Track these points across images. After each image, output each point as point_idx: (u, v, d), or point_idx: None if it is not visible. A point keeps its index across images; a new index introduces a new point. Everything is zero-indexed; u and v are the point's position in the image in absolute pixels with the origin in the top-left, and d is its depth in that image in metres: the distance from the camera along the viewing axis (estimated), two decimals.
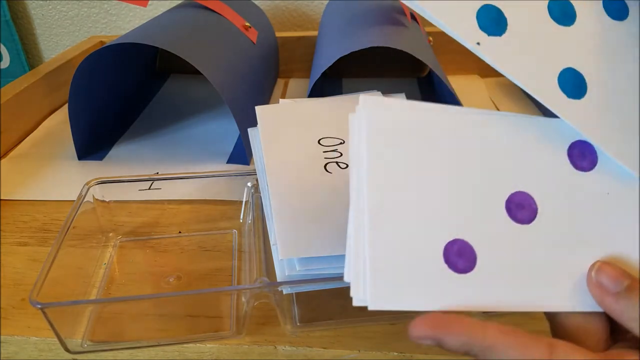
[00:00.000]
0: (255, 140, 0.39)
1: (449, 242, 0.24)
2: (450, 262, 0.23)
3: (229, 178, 0.44)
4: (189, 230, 0.42)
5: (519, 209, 0.25)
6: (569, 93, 0.25)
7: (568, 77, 0.26)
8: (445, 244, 0.24)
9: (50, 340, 0.32)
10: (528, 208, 0.25)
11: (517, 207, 0.25)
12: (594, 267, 0.24)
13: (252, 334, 0.33)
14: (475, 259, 0.24)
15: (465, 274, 0.23)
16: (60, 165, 0.52)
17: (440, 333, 0.21)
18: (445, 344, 0.22)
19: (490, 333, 0.21)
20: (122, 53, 0.59)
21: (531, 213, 0.25)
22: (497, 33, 0.25)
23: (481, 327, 0.22)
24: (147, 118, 0.63)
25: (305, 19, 0.84)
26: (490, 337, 0.21)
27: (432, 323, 0.22)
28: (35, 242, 0.41)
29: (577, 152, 0.26)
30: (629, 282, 0.22)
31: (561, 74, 0.26)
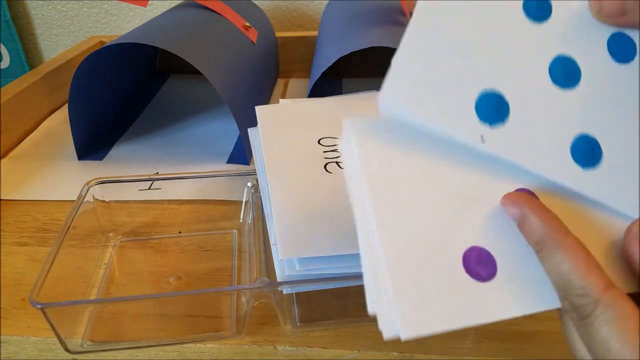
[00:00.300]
0: (255, 140, 0.39)
1: (465, 251, 0.23)
2: (472, 272, 0.23)
3: (229, 178, 0.44)
4: (189, 230, 0.42)
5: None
6: (584, 163, 0.24)
7: (581, 146, 0.24)
8: (463, 254, 0.23)
9: (50, 340, 0.32)
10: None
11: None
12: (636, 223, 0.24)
13: (252, 334, 0.33)
14: (495, 263, 0.23)
15: (490, 281, 0.23)
16: (60, 165, 0.52)
17: (530, 209, 0.22)
18: (526, 222, 0.22)
19: (571, 239, 0.22)
20: (122, 53, 0.59)
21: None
22: (499, 120, 0.24)
23: (565, 229, 0.22)
24: (147, 118, 0.63)
25: (305, 19, 0.84)
26: (568, 240, 0.21)
27: (527, 199, 0.23)
28: (35, 242, 0.41)
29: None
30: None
31: (573, 145, 0.24)
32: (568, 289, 0.21)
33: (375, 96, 0.25)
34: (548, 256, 0.22)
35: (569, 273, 0.21)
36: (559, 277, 0.22)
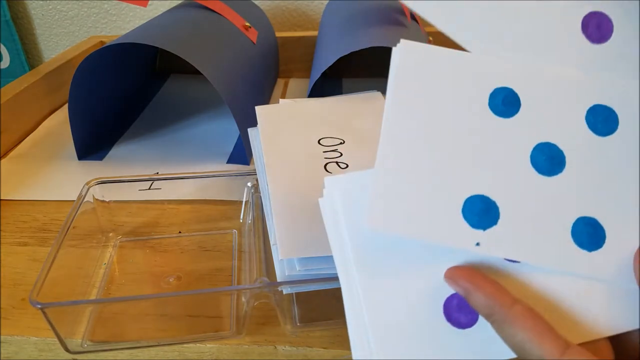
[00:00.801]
0: (255, 140, 0.39)
1: (447, 298, 0.23)
2: (452, 320, 0.23)
3: (229, 178, 0.44)
4: (189, 230, 0.42)
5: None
6: (589, 246, 0.24)
7: (582, 229, 0.24)
8: (444, 301, 0.23)
9: (50, 340, 0.32)
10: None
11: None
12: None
13: (252, 334, 0.33)
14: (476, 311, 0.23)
15: (471, 327, 0.23)
16: (60, 165, 0.52)
17: (472, 286, 0.22)
18: (471, 298, 0.22)
19: (517, 309, 0.21)
20: (122, 53, 0.59)
21: None
22: (491, 223, 0.23)
23: (511, 300, 0.22)
24: (147, 118, 0.63)
25: (305, 19, 0.84)
26: (514, 312, 0.21)
27: (469, 274, 0.23)
28: (35, 242, 0.41)
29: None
30: None
31: (574, 230, 0.24)
32: (527, 357, 0.21)
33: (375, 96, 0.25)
34: (500, 329, 0.22)
35: (523, 344, 0.21)
36: (515, 348, 0.21)
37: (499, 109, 0.24)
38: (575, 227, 0.24)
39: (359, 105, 0.44)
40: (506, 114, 0.24)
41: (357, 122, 0.41)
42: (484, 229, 0.23)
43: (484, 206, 0.23)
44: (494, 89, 0.24)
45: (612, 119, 0.25)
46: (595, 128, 0.24)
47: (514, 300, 0.22)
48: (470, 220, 0.23)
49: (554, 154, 0.24)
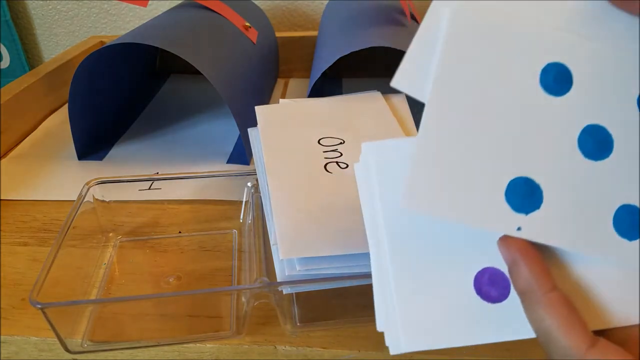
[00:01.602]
0: (255, 140, 0.39)
1: (478, 272, 0.23)
2: (482, 293, 0.23)
3: (229, 178, 0.44)
4: (189, 230, 0.42)
5: None
6: (629, 234, 0.23)
7: (624, 217, 0.23)
8: (475, 274, 0.23)
9: (50, 340, 0.32)
10: None
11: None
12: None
13: (252, 334, 0.33)
14: (509, 285, 0.23)
15: (500, 302, 0.23)
16: (60, 165, 0.52)
17: (522, 257, 0.22)
18: (515, 269, 0.22)
19: (554, 295, 0.21)
20: (122, 53, 0.59)
21: None
22: (534, 207, 0.23)
23: (551, 284, 0.21)
24: (147, 118, 0.63)
25: (305, 19, 0.84)
26: (551, 296, 0.21)
27: (523, 245, 0.22)
28: (35, 242, 0.41)
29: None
30: None
31: (616, 217, 0.23)
32: (550, 345, 0.21)
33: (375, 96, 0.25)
34: (530, 309, 0.22)
35: (550, 330, 0.21)
36: (541, 332, 0.21)
37: (551, 86, 0.23)
38: (618, 215, 0.23)
39: (359, 105, 0.44)
40: (557, 92, 0.23)
41: (357, 122, 0.41)
42: (527, 213, 0.22)
43: (528, 189, 0.22)
44: (546, 63, 0.23)
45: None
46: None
47: (554, 286, 0.21)
48: (513, 204, 0.22)
49: (602, 137, 0.23)
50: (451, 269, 0.23)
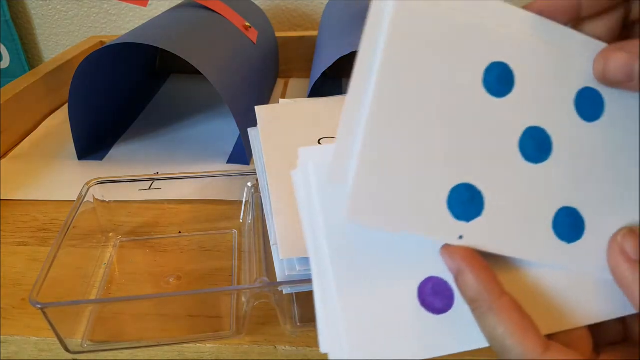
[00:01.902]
0: (255, 140, 0.39)
1: (422, 282, 0.22)
2: (427, 305, 0.22)
3: (229, 178, 0.44)
4: (189, 230, 0.42)
5: None
6: (569, 238, 0.23)
7: (563, 220, 0.23)
8: (419, 285, 0.22)
9: (50, 340, 0.32)
10: None
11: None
12: (621, 232, 0.23)
13: (252, 334, 0.33)
14: (453, 294, 0.23)
15: (445, 313, 0.22)
16: (60, 165, 0.52)
17: (467, 266, 0.21)
18: (461, 279, 0.21)
19: (504, 301, 0.21)
20: (122, 53, 0.59)
21: None
22: (476, 215, 0.22)
23: (500, 290, 0.21)
24: (147, 118, 0.63)
25: (305, 19, 0.84)
26: (501, 303, 0.21)
27: (466, 254, 0.22)
28: (35, 242, 0.41)
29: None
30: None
31: (555, 221, 0.23)
32: (505, 352, 0.20)
33: None
34: (481, 318, 0.21)
35: (503, 337, 0.20)
36: (494, 340, 0.21)
37: (493, 87, 0.22)
38: (557, 218, 0.23)
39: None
40: (499, 93, 0.22)
41: None
42: (468, 220, 0.22)
43: (469, 196, 0.22)
44: (490, 63, 0.22)
45: (599, 103, 0.23)
46: (583, 112, 0.23)
47: (503, 292, 0.21)
48: (455, 212, 0.22)
49: (542, 139, 0.23)
50: (395, 280, 0.22)
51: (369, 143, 0.21)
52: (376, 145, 0.21)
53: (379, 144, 0.21)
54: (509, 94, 0.22)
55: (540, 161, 0.23)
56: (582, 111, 0.23)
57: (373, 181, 0.21)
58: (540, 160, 0.23)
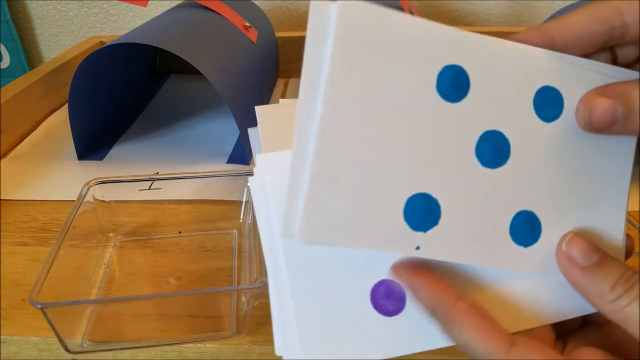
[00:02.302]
0: (255, 140, 0.39)
1: (374, 285, 0.23)
2: (379, 307, 0.22)
3: (229, 178, 0.44)
4: (189, 230, 0.42)
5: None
6: (525, 242, 0.23)
7: (520, 225, 0.23)
8: (371, 288, 0.23)
9: (50, 340, 0.32)
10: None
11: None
12: (565, 238, 0.23)
13: (252, 334, 0.33)
14: (404, 297, 0.23)
15: (397, 315, 0.22)
16: (60, 165, 0.52)
17: (415, 282, 0.22)
18: (417, 296, 0.22)
19: (460, 307, 0.21)
20: (122, 53, 0.59)
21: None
22: (433, 223, 0.21)
23: (454, 297, 0.21)
24: (147, 118, 0.63)
25: (305, 19, 0.84)
26: (457, 309, 0.21)
27: (413, 269, 0.22)
28: (35, 242, 0.41)
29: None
30: (599, 258, 0.22)
31: (512, 225, 0.23)
32: (473, 355, 0.21)
33: None
34: (445, 327, 0.21)
35: (468, 341, 0.21)
36: (461, 346, 0.21)
37: (447, 91, 0.21)
38: (514, 222, 0.23)
39: None
40: (454, 98, 0.21)
41: None
42: (425, 230, 0.21)
43: (426, 206, 0.21)
44: (443, 66, 0.21)
45: (558, 102, 0.22)
46: (541, 113, 0.22)
47: (458, 297, 0.21)
48: (411, 222, 0.21)
49: (499, 143, 0.22)
50: (348, 283, 0.22)
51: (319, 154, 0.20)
52: (327, 158, 0.20)
53: (330, 157, 0.20)
54: (464, 97, 0.21)
55: (497, 166, 0.22)
56: (540, 111, 0.22)
57: (325, 198, 0.20)
58: (498, 164, 0.22)
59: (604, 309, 0.21)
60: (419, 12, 0.83)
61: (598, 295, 0.21)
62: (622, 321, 0.20)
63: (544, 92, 0.22)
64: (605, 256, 0.22)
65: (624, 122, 0.21)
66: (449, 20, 0.84)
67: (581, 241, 0.22)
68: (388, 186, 0.21)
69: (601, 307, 0.21)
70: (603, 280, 0.21)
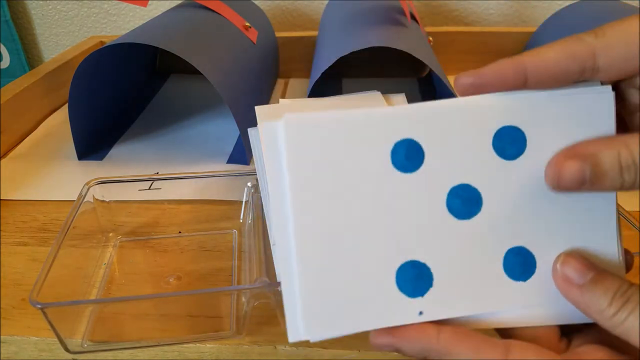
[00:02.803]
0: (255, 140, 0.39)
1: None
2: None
3: (229, 178, 0.44)
4: (189, 230, 0.42)
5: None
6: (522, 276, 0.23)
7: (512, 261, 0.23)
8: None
9: (50, 340, 0.32)
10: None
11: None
12: (559, 259, 0.23)
13: (252, 334, 0.33)
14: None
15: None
16: (60, 165, 0.52)
17: (397, 341, 0.22)
18: (404, 352, 0.22)
19: (444, 337, 0.22)
20: (122, 53, 0.59)
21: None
22: (428, 286, 0.23)
23: (435, 331, 0.22)
24: (147, 118, 0.63)
25: (305, 19, 0.84)
26: (443, 341, 0.22)
27: (387, 334, 0.22)
28: (35, 242, 0.41)
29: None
30: (594, 274, 0.22)
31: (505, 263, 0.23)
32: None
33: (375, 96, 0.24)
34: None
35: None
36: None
37: (403, 164, 0.23)
38: (506, 261, 0.23)
39: (359, 105, 0.44)
40: (412, 168, 0.23)
41: None
42: (422, 295, 0.23)
43: (416, 271, 0.23)
44: (393, 144, 0.23)
45: (520, 138, 0.23)
46: (503, 153, 0.23)
47: (438, 330, 0.22)
48: (407, 291, 0.23)
49: (468, 194, 0.23)
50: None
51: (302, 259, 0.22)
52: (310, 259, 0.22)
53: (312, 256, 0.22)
54: (421, 165, 0.23)
55: (473, 215, 0.23)
56: (502, 152, 0.23)
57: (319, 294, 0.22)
58: (473, 213, 0.23)
59: (605, 325, 0.21)
60: (419, 12, 0.83)
61: (598, 312, 0.21)
62: (624, 335, 0.20)
63: (501, 133, 0.23)
64: (600, 272, 0.22)
65: (592, 183, 0.21)
66: (449, 20, 0.84)
67: (574, 260, 0.23)
68: (374, 264, 0.23)
69: (603, 323, 0.21)
70: (600, 296, 0.21)
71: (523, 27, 0.78)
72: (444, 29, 0.75)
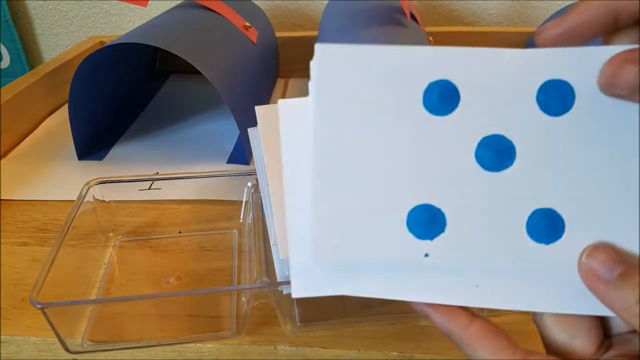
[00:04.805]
0: (255, 140, 0.39)
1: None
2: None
3: (229, 178, 0.44)
4: (189, 230, 0.42)
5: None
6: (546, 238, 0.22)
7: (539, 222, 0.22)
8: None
9: (50, 340, 0.32)
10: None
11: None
12: (585, 252, 0.22)
13: (252, 334, 0.33)
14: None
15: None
16: (60, 165, 0.52)
17: (431, 311, 0.22)
18: (432, 320, 0.22)
19: (472, 330, 0.21)
20: (122, 53, 0.59)
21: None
22: (439, 231, 0.22)
23: (467, 319, 0.22)
24: (147, 118, 0.63)
25: (305, 19, 0.84)
26: (470, 333, 0.21)
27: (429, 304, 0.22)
28: (35, 242, 0.41)
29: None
30: (623, 269, 0.20)
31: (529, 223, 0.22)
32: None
33: None
34: (460, 348, 0.22)
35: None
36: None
37: (435, 106, 0.22)
38: (531, 221, 0.22)
39: None
40: (444, 111, 0.22)
41: None
42: (432, 238, 0.22)
43: (429, 215, 0.22)
44: (428, 84, 0.22)
45: (568, 94, 0.21)
46: (548, 108, 0.22)
47: (471, 319, 0.22)
48: (416, 232, 0.22)
49: (501, 146, 0.22)
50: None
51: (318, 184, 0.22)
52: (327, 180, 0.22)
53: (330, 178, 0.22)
54: (454, 109, 0.22)
55: (503, 168, 0.22)
56: (547, 107, 0.22)
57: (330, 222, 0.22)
58: (504, 166, 0.22)
59: (632, 322, 0.20)
60: (419, 12, 0.83)
61: (624, 309, 0.20)
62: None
63: (548, 86, 0.22)
64: (630, 267, 0.20)
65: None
66: (449, 20, 0.84)
67: (601, 254, 0.21)
68: (388, 202, 0.22)
69: (629, 321, 0.20)
70: (628, 293, 0.20)
71: (523, 27, 0.78)
72: (444, 29, 0.75)
